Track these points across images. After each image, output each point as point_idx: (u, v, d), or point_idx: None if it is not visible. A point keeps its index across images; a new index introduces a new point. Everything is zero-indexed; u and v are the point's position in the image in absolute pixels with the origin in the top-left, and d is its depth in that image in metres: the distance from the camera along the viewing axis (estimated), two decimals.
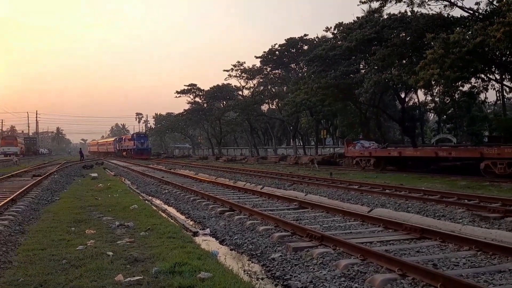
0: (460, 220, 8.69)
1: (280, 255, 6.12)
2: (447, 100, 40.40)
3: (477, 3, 22.90)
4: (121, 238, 7.20)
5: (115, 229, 8.05)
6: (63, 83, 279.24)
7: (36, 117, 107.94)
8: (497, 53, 19.99)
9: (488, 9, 22.99)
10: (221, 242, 7.60)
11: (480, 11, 23.06)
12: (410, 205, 10.71)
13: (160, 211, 10.76)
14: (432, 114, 54.14)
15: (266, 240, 7.14)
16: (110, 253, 6.05)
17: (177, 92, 63.15)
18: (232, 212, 9.92)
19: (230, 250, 7.08)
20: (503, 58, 21.50)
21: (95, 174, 22.66)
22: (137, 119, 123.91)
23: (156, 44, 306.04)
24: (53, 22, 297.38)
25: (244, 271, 5.72)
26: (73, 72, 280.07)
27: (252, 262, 6.22)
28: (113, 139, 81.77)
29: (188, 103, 64.95)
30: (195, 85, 62.39)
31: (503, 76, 28.53)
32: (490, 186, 14.59)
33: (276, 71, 52.18)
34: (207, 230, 8.43)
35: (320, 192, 14.12)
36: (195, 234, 8.08)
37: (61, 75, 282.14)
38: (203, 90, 61.92)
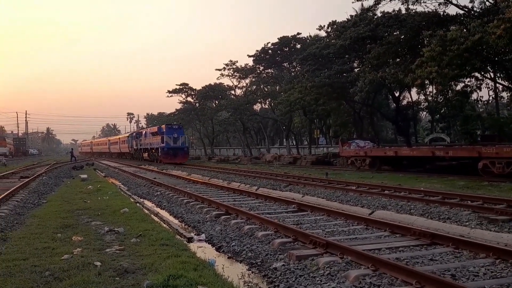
0: (467, 223, 8.33)
1: (283, 264, 5.67)
2: (440, 99, 40.23)
3: (471, 1, 22.74)
4: (111, 245, 6.71)
5: (104, 235, 7.56)
6: (53, 83, 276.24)
7: (26, 117, 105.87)
8: (493, 51, 19.77)
9: (483, 7, 22.82)
10: (218, 249, 7.13)
11: (475, 8, 22.91)
12: (413, 206, 10.32)
13: (152, 215, 10.26)
14: (425, 113, 54.02)
15: (266, 247, 6.68)
16: (98, 263, 5.57)
17: (169, 92, 62.25)
18: (228, 216, 9.45)
19: (228, 258, 6.62)
20: (500, 56, 21.28)
21: (85, 176, 22.04)
22: (129, 119, 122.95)
23: (147, 44, 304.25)
24: (43, 20, 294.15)
25: (245, 283, 5.26)
26: (63, 72, 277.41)
27: (252, 273, 5.75)
28: (127, 135, 58.86)
29: (180, 103, 64.02)
30: (187, 84, 61.53)
31: (497, 75, 28.39)
32: (489, 186, 14.33)
33: (269, 70, 51.72)
34: (203, 236, 7.94)
35: (317, 193, 13.70)
36: (190, 240, 7.61)
37: (50, 75, 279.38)
38: (195, 89, 61.12)
